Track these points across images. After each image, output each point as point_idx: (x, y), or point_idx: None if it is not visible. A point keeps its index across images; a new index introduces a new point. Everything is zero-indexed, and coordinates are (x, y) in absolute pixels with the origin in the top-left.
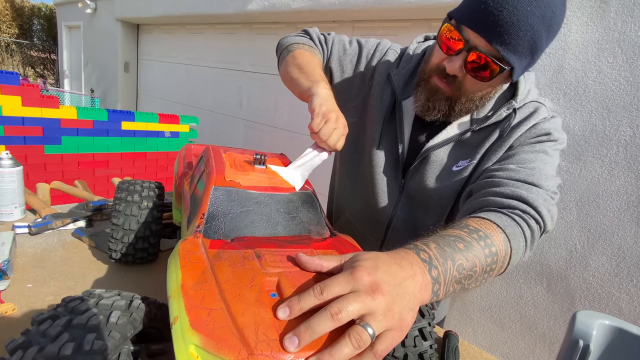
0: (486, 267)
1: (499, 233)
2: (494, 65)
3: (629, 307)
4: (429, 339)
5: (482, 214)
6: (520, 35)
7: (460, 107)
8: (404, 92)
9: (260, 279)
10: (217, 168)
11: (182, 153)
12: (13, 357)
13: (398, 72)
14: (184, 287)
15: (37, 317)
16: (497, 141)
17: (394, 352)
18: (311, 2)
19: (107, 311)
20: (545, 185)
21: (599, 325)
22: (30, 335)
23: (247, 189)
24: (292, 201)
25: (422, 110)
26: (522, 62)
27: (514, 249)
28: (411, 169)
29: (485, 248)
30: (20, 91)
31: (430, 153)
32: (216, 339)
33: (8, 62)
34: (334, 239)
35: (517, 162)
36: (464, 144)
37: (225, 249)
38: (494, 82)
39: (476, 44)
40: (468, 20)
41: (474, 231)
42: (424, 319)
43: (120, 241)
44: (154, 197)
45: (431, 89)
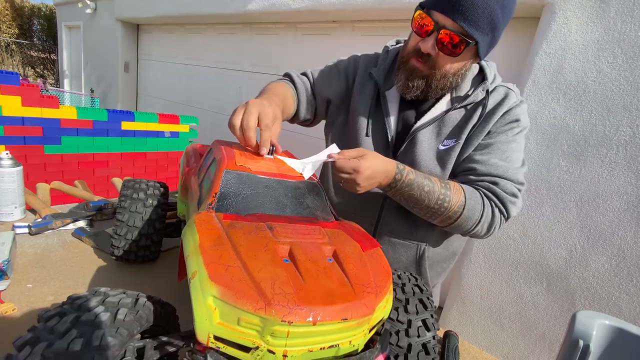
0: (432, 206)
1: (460, 196)
2: (461, 40)
3: (629, 307)
4: (432, 330)
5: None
6: (479, 12)
7: (436, 83)
8: (385, 84)
9: (273, 245)
10: (227, 155)
11: (189, 150)
12: (21, 354)
13: (377, 69)
14: (202, 246)
15: (44, 314)
16: (478, 126)
17: (398, 341)
18: (311, 2)
19: (114, 308)
20: (514, 178)
21: (599, 325)
22: (38, 331)
23: (257, 174)
24: (299, 188)
25: (403, 89)
26: (485, 38)
27: (464, 213)
28: (401, 150)
29: (441, 196)
30: (20, 91)
31: (418, 133)
32: (234, 290)
33: (8, 62)
34: (340, 222)
35: (493, 155)
36: (447, 123)
37: (238, 221)
38: (463, 57)
39: (444, 23)
40: (435, 5)
41: (444, 184)
42: (427, 310)
43: (124, 238)
44: (158, 195)
45: (410, 69)
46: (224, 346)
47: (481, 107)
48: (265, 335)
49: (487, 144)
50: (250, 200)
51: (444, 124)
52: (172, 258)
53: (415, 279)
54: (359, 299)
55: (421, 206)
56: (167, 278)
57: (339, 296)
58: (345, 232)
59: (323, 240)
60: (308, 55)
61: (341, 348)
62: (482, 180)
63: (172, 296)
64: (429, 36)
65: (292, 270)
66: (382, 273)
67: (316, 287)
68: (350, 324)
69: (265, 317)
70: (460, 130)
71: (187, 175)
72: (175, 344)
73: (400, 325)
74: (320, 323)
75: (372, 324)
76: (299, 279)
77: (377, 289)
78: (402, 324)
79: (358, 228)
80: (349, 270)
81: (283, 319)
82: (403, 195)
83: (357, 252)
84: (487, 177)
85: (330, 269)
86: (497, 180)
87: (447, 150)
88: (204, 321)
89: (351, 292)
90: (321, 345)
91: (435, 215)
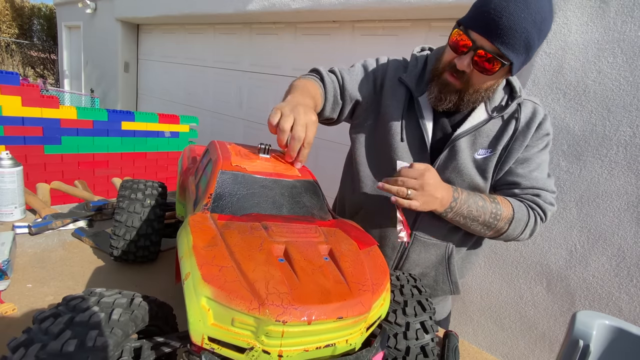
0: (487, 220)
1: (509, 209)
2: (496, 61)
3: (629, 307)
4: (430, 332)
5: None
6: (516, 36)
7: (469, 97)
8: (417, 90)
9: (269, 245)
10: (223, 155)
11: (186, 152)
12: (15, 355)
13: (408, 75)
14: (195, 247)
15: (38, 315)
16: (516, 140)
17: (396, 344)
18: (311, 2)
19: (109, 309)
20: (550, 188)
21: (599, 325)
22: (32, 333)
23: (252, 174)
24: (296, 187)
25: (435, 102)
26: (519, 58)
27: (513, 224)
28: (442, 157)
29: (493, 210)
30: (20, 91)
31: (458, 141)
32: (228, 291)
33: (8, 62)
34: (337, 220)
35: (532, 168)
36: (482, 133)
37: (233, 221)
38: (497, 76)
39: (482, 44)
40: (474, 25)
41: (493, 199)
42: (425, 312)
43: (122, 238)
44: (157, 195)
45: (443, 83)
46: (219, 347)
47: (514, 121)
48: (260, 335)
49: (526, 157)
50: (246, 201)
51: (479, 133)
52: (172, 258)
53: (414, 279)
54: (355, 297)
55: (478, 222)
56: (167, 278)
57: (335, 295)
58: (342, 230)
59: (319, 239)
60: (308, 55)
61: (338, 347)
62: (526, 193)
63: (172, 296)
64: (465, 54)
65: (287, 270)
66: (379, 271)
67: (311, 286)
68: (346, 322)
69: (259, 317)
70: (496, 142)
71: (185, 176)
72: (172, 344)
73: (399, 328)
74: (315, 322)
75: (369, 323)
76: (294, 278)
77: (373, 287)
78: (400, 327)
79: (355, 226)
80: (345, 268)
81: (277, 319)
82: (463, 213)
83: (354, 250)
84: (530, 189)
85: (326, 268)
86: (539, 193)
87: (484, 160)
88: (198, 322)
89: (347, 290)
90: (317, 345)
91: (490, 229)
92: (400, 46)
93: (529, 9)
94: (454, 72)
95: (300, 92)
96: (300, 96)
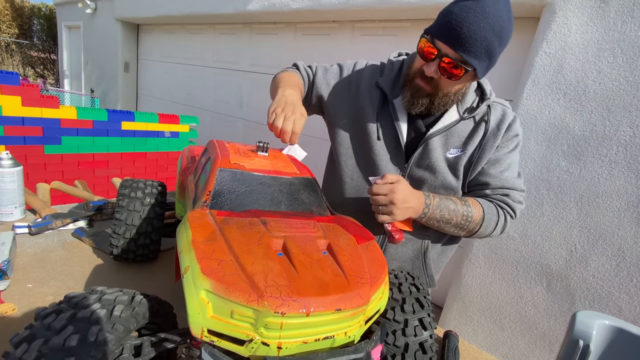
0: (460, 222)
1: (480, 211)
2: (461, 67)
3: (629, 307)
4: (428, 329)
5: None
6: (477, 44)
7: (439, 101)
8: (392, 93)
9: (267, 239)
10: (222, 153)
11: (185, 152)
12: (18, 350)
13: (384, 79)
14: (194, 242)
15: (40, 312)
16: (487, 141)
17: (395, 341)
18: (311, 2)
19: (110, 305)
20: (519, 187)
21: (599, 325)
22: (35, 329)
23: (251, 171)
24: (294, 184)
25: (408, 105)
26: (482, 64)
27: (484, 224)
28: (416, 155)
29: (465, 212)
30: (20, 91)
31: (430, 140)
32: (227, 283)
33: (8, 62)
34: (336, 216)
35: (502, 168)
36: (454, 134)
37: (232, 217)
38: (463, 80)
39: (446, 52)
40: (439, 35)
41: (464, 202)
42: (424, 309)
43: (122, 236)
44: (156, 194)
45: (415, 87)
46: (218, 340)
47: (484, 123)
48: (259, 327)
49: (497, 158)
50: (245, 197)
51: (451, 133)
52: (172, 258)
53: (412, 277)
54: (353, 290)
55: (451, 224)
56: (167, 278)
57: (333, 287)
58: (340, 225)
59: (317, 234)
60: (308, 55)
61: (337, 339)
62: (496, 193)
63: (172, 295)
64: (432, 61)
65: (285, 263)
66: (377, 264)
67: (310, 279)
68: (344, 314)
69: (258, 309)
70: (467, 142)
71: (184, 175)
72: (172, 341)
73: (397, 325)
74: (314, 314)
75: (368, 315)
76: (292, 271)
77: (372, 280)
78: (398, 324)
79: (353, 222)
80: (343, 262)
81: (276, 310)
82: (436, 217)
83: (352, 244)
84: (500, 189)
85: (324, 261)
86: (508, 193)
87: (455, 159)
88: (198, 315)
89: (345, 283)
90: (316, 337)
91: (462, 229)
92: (400, 46)
93: (487, 19)
94: (424, 78)
95: (287, 85)
96: (288, 90)
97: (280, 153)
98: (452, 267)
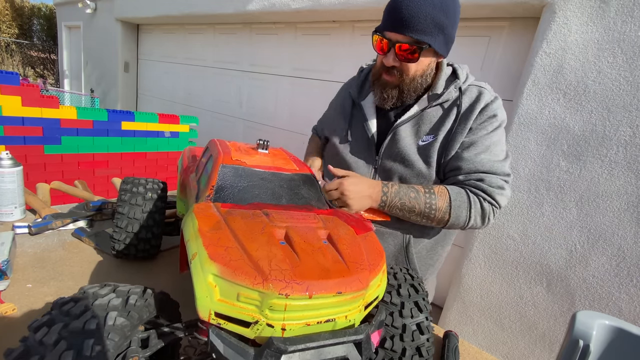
0: (423, 211)
1: (445, 198)
2: (414, 47)
3: (629, 307)
4: (426, 333)
5: (447, 185)
6: (421, 21)
7: (407, 87)
8: (360, 97)
9: (270, 229)
10: (223, 151)
11: (186, 151)
12: (38, 334)
13: (352, 87)
14: (201, 230)
15: (59, 300)
16: (458, 125)
17: (393, 322)
18: (311, 2)
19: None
20: (500, 171)
21: (599, 325)
22: (54, 315)
23: (252, 167)
24: (294, 180)
25: (381, 101)
26: (436, 39)
27: (453, 212)
28: (384, 145)
29: (427, 200)
30: (20, 91)
31: (398, 129)
32: (233, 268)
33: (8, 62)
34: (335, 210)
35: (478, 151)
36: (425, 121)
37: (235, 209)
38: (425, 60)
39: (396, 38)
40: (386, 26)
41: (428, 190)
42: (422, 313)
43: (125, 230)
44: (157, 189)
45: (382, 83)
46: (225, 322)
47: (456, 107)
48: (264, 309)
49: (471, 141)
50: (247, 192)
51: (422, 121)
52: (172, 257)
53: (407, 269)
54: (353, 275)
55: (414, 212)
56: (167, 276)
57: (334, 272)
58: (339, 217)
59: (318, 225)
60: (308, 55)
61: (338, 322)
62: (469, 179)
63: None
64: (388, 52)
65: (288, 250)
66: (375, 253)
67: (312, 264)
68: (345, 297)
69: (263, 291)
70: (438, 127)
71: (185, 174)
72: (179, 330)
73: (394, 307)
74: (316, 296)
75: (368, 301)
76: (295, 257)
77: (370, 267)
78: (395, 306)
79: (351, 214)
80: (342, 250)
81: (280, 292)
82: (396, 205)
83: (351, 234)
84: (474, 174)
85: (325, 249)
86: (482, 177)
87: (427, 145)
88: (205, 298)
89: (345, 268)
90: (318, 319)
91: (429, 219)
92: None
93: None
94: (387, 71)
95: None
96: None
97: (280, 151)
98: (452, 267)
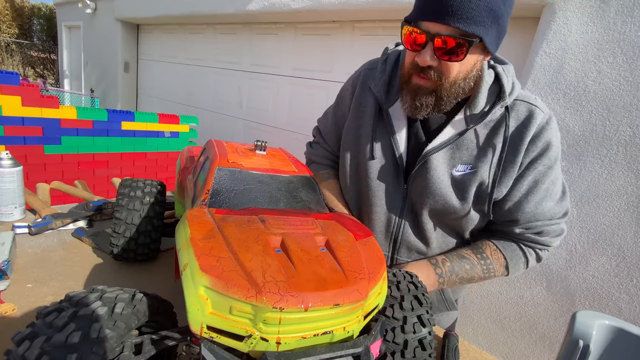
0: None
1: (501, 260)
2: (461, 41)
3: (629, 307)
4: (427, 326)
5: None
6: (473, 7)
7: (447, 93)
8: (388, 101)
9: (265, 237)
10: (220, 152)
11: (184, 152)
12: (20, 348)
13: (377, 84)
14: (193, 240)
15: (42, 310)
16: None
17: (394, 338)
18: (311, 2)
19: (112, 303)
20: (560, 213)
21: (599, 325)
22: (37, 327)
23: (249, 170)
24: (293, 182)
25: (411, 111)
26: (489, 31)
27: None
28: (412, 174)
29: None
30: (20, 91)
31: (429, 157)
32: (225, 280)
33: (8, 62)
34: (334, 213)
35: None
36: (462, 146)
37: (230, 215)
38: (471, 59)
39: (437, 30)
40: (422, 15)
41: (481, 255)
42: (422, 306)
43: (122, 236)
44: (156, 193)
45: (413, 88)
46: (218, 336)
47: (503, 129)
48: (258, 322)
49: (525, 183)
50: (243, 196)
51: (458, 146)
52: (172, 258)
53: (410, 276)
54: (352, 285)
55: (474, 280)
56: (167, 277)
57: (331, 282)
58: (338, 222)
59: (316, 231)
60: (308, 55)
61: (335, 334)
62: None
63: (172, 295)
64: (424, 48)
65: (283, 260)
66: (376, 260)
67: (308, 275)
68: (343, 309)
69: (256, 304)
70: (479, 156)
71: (183, 175)
72: (172, 338)
73: (396, 322)
74: (312, 309)
75: (367, 310)
76: (290, 267)
77: (370, 275)
78: (397, 321)
79: (351, 218)
80: (341, 258)
81: (274, 306)
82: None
83: (350, 240)
84: (532, 227)
85: (322, 258)
86: (542, 229)
87: (463, 178)
88: (197, 311)
89: (343, 278)
90: (314, 332)
91: (490, 279)
92: None
93: None
94: (420, 73)
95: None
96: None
97: (278, 152)
98: None
